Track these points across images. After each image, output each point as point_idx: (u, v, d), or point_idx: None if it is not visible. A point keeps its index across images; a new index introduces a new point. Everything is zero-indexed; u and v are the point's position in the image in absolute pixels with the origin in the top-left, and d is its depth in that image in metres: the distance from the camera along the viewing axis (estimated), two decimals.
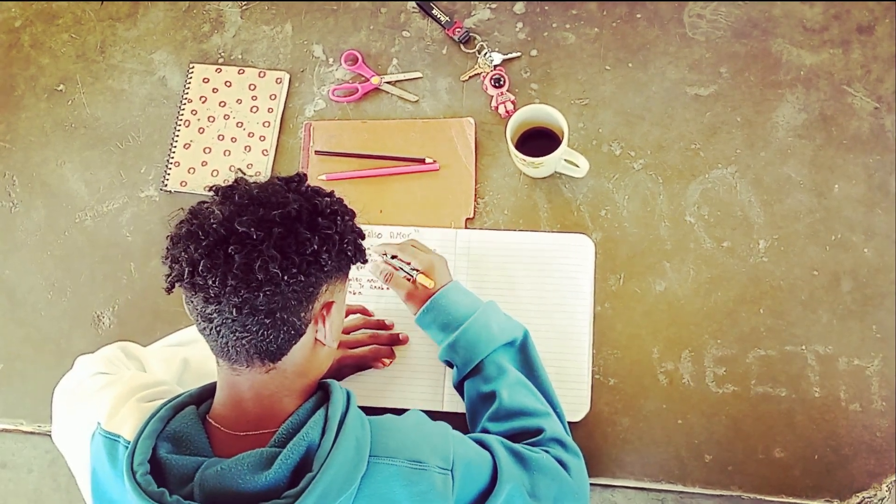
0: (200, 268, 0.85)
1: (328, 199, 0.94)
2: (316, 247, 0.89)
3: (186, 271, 0.87)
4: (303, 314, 0.91)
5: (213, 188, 0.93)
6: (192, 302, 0.89)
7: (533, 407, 1.12)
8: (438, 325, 1.18)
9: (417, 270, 1.21)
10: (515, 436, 1.09)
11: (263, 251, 0.85)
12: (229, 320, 0.87)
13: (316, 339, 0.95)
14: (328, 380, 0.98)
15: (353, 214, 0.97)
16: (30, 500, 1.79)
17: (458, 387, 1.19)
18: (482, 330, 1.15)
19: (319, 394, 0.96)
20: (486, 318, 1.16)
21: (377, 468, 0.90)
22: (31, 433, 1.38)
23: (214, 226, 0.86)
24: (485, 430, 1.12)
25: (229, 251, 0.85)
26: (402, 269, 1.22)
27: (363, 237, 0.98)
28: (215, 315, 0.87)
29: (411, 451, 0.93)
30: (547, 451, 1.06)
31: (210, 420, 0.93)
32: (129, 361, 1.16)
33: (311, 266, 0.89)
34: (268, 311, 0.87)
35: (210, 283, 0.85)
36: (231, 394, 0.93)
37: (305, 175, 0.97)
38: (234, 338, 0.88)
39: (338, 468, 0.86)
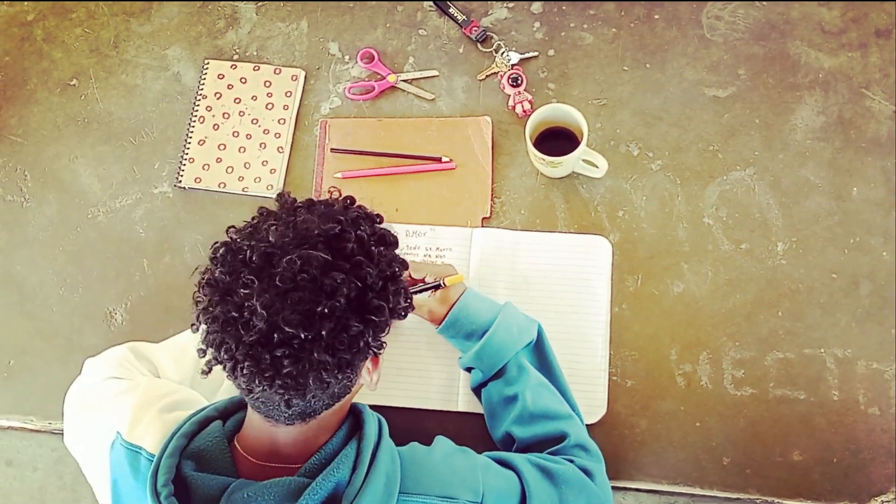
0: (244, 369, 0.82)
1: (380, 256, 0.88)
2: (370, 338, 0.86)
3: (227, 366, 0.83)
4: (351, 384, 0.90)
5: (244, 250, 0.84)
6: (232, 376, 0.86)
7: (556, 410, 1.11)
8: (463, 335, 1.17)
9: (442, 281, 1.20)
10: (539, 443, 1.09)
11: (314, 357, 0.81)
12: (275, 399, 0.85)
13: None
14: (360, 404, 0.97)
15: (403, 266, 0.93)
16: (35, 499, 1.77)
17: (477, 389, 1.18)
18: (506, 334, 1.14)
19: (351, 420, 0.95)
20: (508, 322, 1.15)
21: None
22: (37, 431, 1.37)
23: (256, 321, 0.80)
24: (510, 434, 1.11)
25: (276, 354, 0.80)
26: (425, 287, 1.18)
27: (409, 294, 0.94)
28: (258, 391, 0.84)
29: (441, 485, 0.92)
30: (572, 460, 1.05)
31: (237, 446, 0.92)
32: (140, 363, 1.15)
33: (362, 353, 0.86)
34: (314, 394, 0.86)
35: (255, 382, 0.82)
36: (265, 437, 0.91)
37: (351, 212, 0.91)
38: (277, 410, 0.87)
39: None
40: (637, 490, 1.23)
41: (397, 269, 0.90)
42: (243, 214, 1.35)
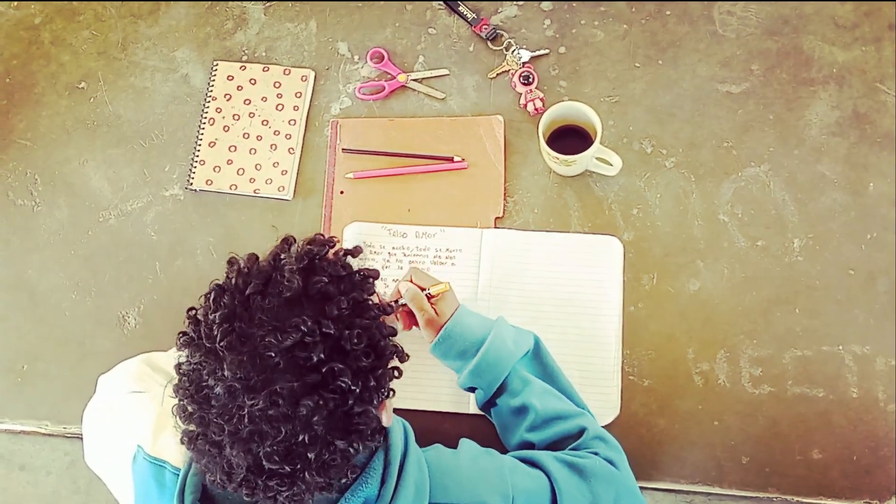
0: (243, 489, 0.80)
1: (357, 340, 0.80)
2: (359, 446, 0.82)
3: (220, 479, 0.82)
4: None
5: (205, 384, 0.79)
6: None
7: (567, 410, 1.10)
8: (456, 354, 1.14)
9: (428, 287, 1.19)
10: (558, 441, 1.08)
11: (308, 479, 0.79)
12: None
13: None
14: None
15: (391, 332, 0.86)
16: (48, 503, 1.77)
17: (485, 408, 1.17)
18: (501, 347, 1.12)
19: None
20: (502, 335, 1.13)
21: None
22: (50, 435, 1.37)
23: (236, 460, 0.78)
24: (527, 442, 1.10)
25: (269, 483, 0.79)
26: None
27: (402, 358, 0.87)
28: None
29: (470, 492, 0.91)
30: (596, 453, 1.05)
31: None
32: (157, 374, 1.14)
33: (361, 440, 0.83)
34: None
35: (259, 497, 0.81)
36: None
37: (313, 287, 0.81)
38: None
39: None
40: (654, 489, 1.23)
41: (381, 343, 0.83)
42: (254, 217, 1.36)
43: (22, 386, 1.35)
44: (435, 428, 1.24)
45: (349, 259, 0.88)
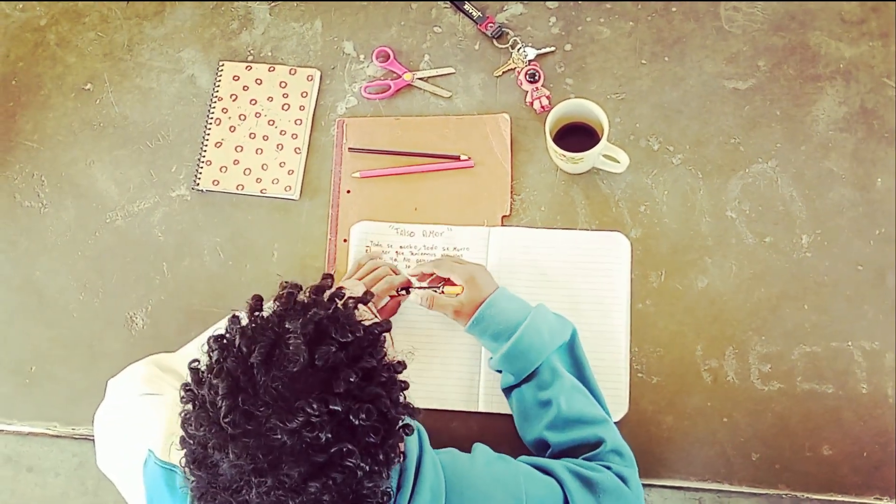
0: None
1: (367, 414, 0.77)
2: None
3: None
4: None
5: (214, 461, 0.78)
6: None
7: (591, 414, 1.10)
8: (490, 335, 1.15)
9: (444, 283, 1.21)
10: (575, 448, 1.08)
11: None
12: None
13: None
14: None
15: (402, 387, 0.84)
16: None
17: (507, 391, 1.17)
18: (535, 337, 1.12)
19: None
20: (538, 324, 1.13)
21: None
22: (58, 436, 1.37)
23: None
24: (543, 440, 1.10)
25: None
26: (433, 289, 1.22)
27: (414, 414, 0.85)
28: None
29: (486, 497, 0.91)
30: (609, 467, 1.05)
31: None
32: (167, 375, 1.14)
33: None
34: None
35: None
36: None
37: (321, 355, 0.78)
38: None
39: None
40: (663, 487, 1.23)
41: (391, 412, 0.81)
42: (262, 217, 1.36)
43: (30, 387, 1.35)
44: (443, 427, 1.24)
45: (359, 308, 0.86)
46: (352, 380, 0.77)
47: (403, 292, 1.23)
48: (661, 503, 1.52)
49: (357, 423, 0.76)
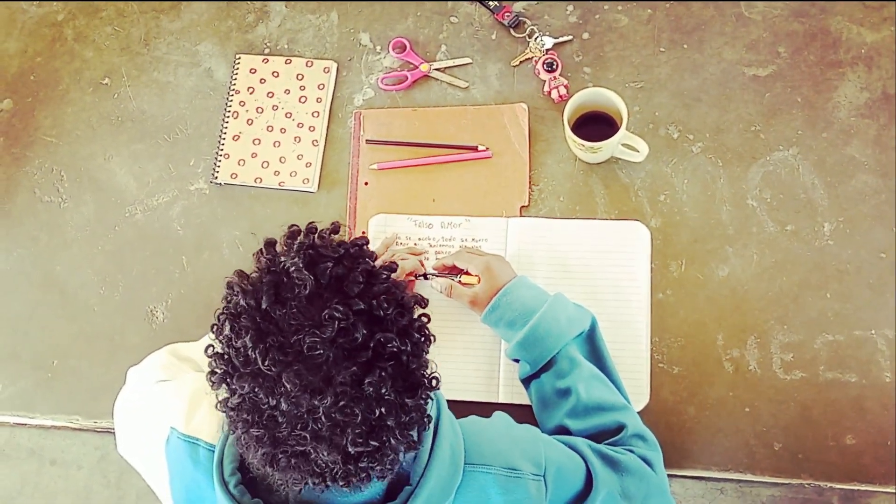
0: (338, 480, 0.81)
1: (394, 320, 0.80)
2: (428, 396, 0.82)
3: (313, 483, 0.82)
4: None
5: (264, 403, 0.78)
6: None
7: (611, 401, 1.10)
8: (505, 323, 1.15)
9: (461, 273, 1.21)
10: (596, 435, 1.07)
11: (394, 449, 0.80)
12: None
13: None
14: None
15: (414, 301, 0.85)
16: (80, 497, 1.79)
17: (526, 381, 1.17)
18: (552, 324, 1.12)
19: None
20: (555, 312, 1.13)
21: (473, 476, 0.89)
22: (81, 430, 1.38)
23: (323, 458, 0.79)
24: (564, 427, 1.10)
25: (360, 465, 0.80)
26: (450, 277, 1.23)
27: (422, 304, 0.86)
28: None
29: (505, 457, 0.91)
30: (632, 450, 1.04)
31: None
32: (183, 363, 1.15)
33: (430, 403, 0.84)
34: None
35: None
36: None
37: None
38: None
39: (436, 480, 0.85)
40: (685, 477, 1.22)
41: (405, 298, 0.83)
42: (280, 209, 1.36)
43: (52, 382, 1.36)
44: (465, 416, 1.23)
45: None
46: (360, 281, 0.79)
47: (421, 277, 1.24)
48: (683, 493, 1.51)
49: (382, 314, 0.79)
